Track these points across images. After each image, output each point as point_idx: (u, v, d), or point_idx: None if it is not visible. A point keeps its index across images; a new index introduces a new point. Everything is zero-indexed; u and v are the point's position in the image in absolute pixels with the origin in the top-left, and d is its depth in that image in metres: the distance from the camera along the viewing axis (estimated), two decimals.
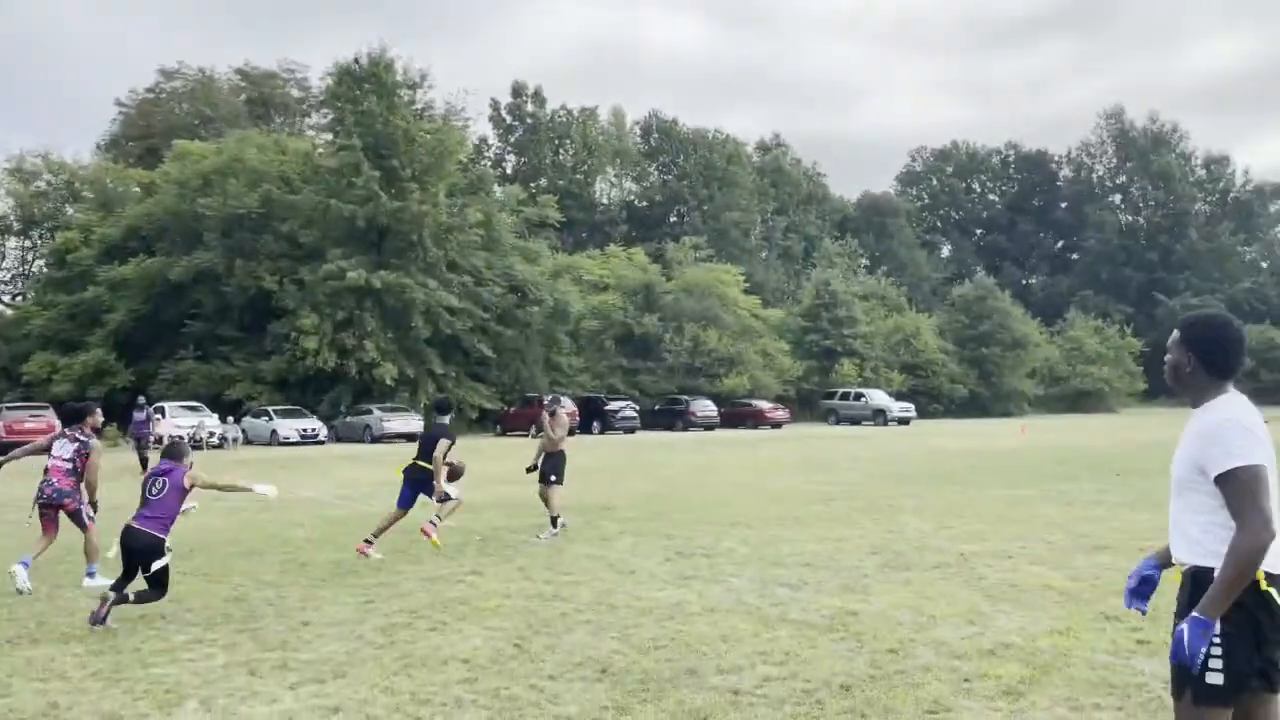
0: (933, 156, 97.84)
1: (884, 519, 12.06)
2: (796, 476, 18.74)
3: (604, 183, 73.05)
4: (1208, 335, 3.06)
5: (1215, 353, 3.03)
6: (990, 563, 8.87)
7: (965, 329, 60.78)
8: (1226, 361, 3.02)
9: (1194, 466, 2.92)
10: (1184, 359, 3.06)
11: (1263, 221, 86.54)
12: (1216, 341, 3.04)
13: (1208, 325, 3.10)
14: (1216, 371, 3.02)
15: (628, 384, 46.51)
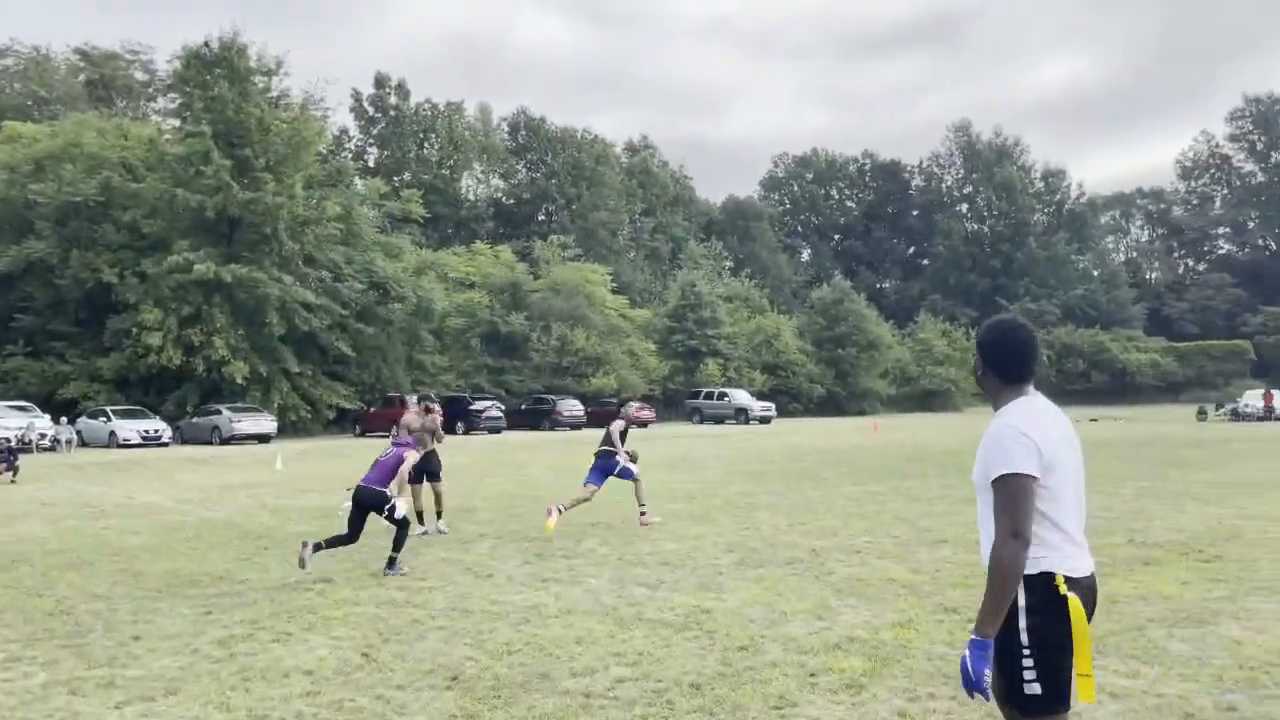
0: (794, 163, 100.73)
1: (741, 516, 12.30)
2: (659, 475, 18.89)
3: (470, 179, 72.11)
4: (995, 339, 3.08)
5: (1002, 357, 3.04)
6: (840, 558, 9.15)
7: (823, 330, 62.82)
8: (1012, 365, 3.03)
9: (982, 471, 2.94)
10: (978, 364, 3.14)
11: (1094, 232, 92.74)
12: (1002, 345, 3.06)
13: (994, 329, 3.11)
14: (1005, 375, 3.04)
15: (494, 383, 46.04)
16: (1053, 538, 2.88)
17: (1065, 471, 2.91)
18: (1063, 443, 2.95)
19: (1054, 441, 2.90)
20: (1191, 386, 74.04)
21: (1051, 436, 2.91)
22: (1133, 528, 10.86)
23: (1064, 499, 2.90)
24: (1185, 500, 13.44)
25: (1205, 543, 9.73)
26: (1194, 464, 19.73)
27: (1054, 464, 2.87)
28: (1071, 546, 2.89)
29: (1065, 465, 2.92)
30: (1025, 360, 3.03)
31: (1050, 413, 3.02)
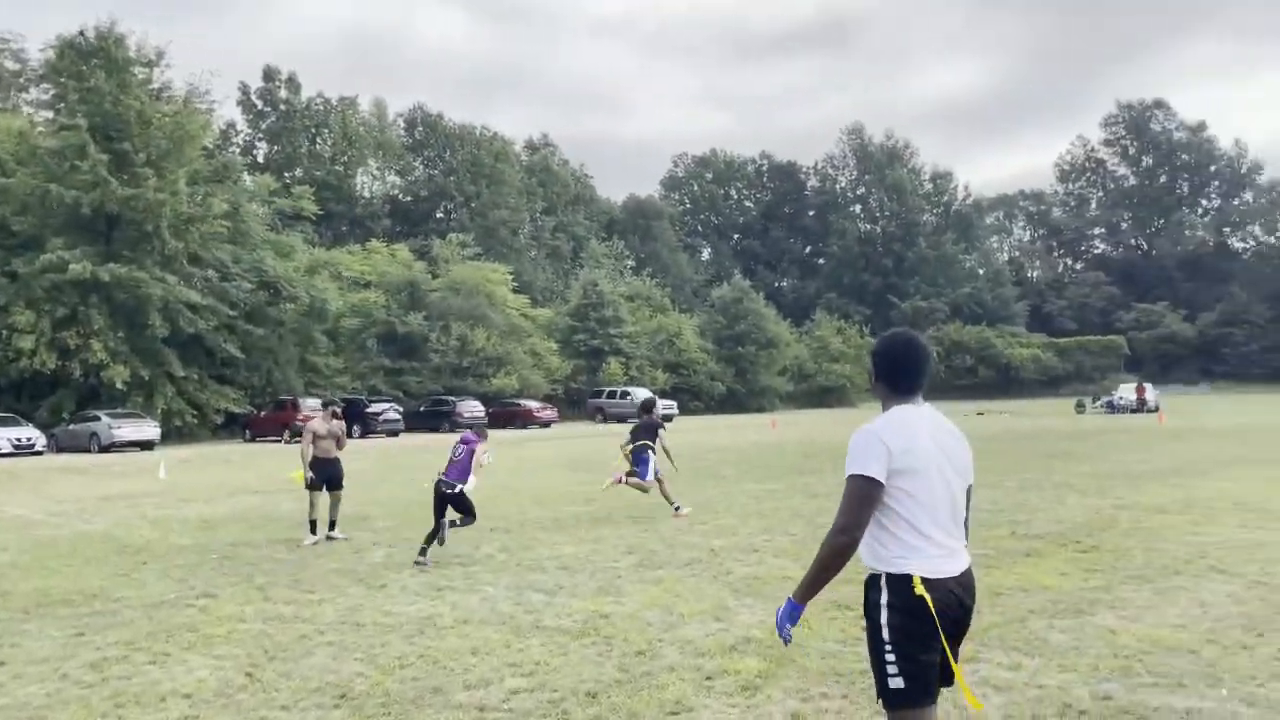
0: (694, 163, 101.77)
1: (641, 517, 12.31)
2: (560, 476, 18.81)
3: (365, 175, 70.52)
4: (884, 351, 3.23)
5: (890, 369, 3.19)
6: (739, 557, 9.23)
7: (723, 329, 63.59)
8: (900, 378, 3.16)
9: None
10: (871, 373, 3.29)
11: (980, 232, 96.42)
12: (890, 358, 3.20)
13: (886, 342, 3.26)
14: (893, 386, 3.17)
15: (391, 385, 45.12)
16: (912, 540, 3.01)
17: (928, 477, 3.02)
18: (933, 450, 3.06)
19: (918, 449, 3.02)
20: (1071, 380, 77.59)
21: (916, 445, 3.03)
22: (1015, 520, 11.26)
23: (927, 503, 3.02)
24: (1066, 492, 14.03)
25: (1084, 533, 10.16)
26: (1074, 456, 20.64)
27: (912, 469, 3.00)
28: (933, 549, 3.01)
29: (929, 471, 3.03)
30: (912, 374, 3.16)
31: (926, 422, 3.12)
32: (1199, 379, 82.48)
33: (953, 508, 3.08)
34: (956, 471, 3.12)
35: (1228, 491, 13.48)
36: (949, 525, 3.06)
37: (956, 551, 3.07)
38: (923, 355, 3.20)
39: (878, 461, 2.98)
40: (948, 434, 3.16)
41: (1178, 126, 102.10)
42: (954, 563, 3.04)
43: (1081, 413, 46.49)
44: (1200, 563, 8.36)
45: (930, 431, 3.10)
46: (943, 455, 3.09)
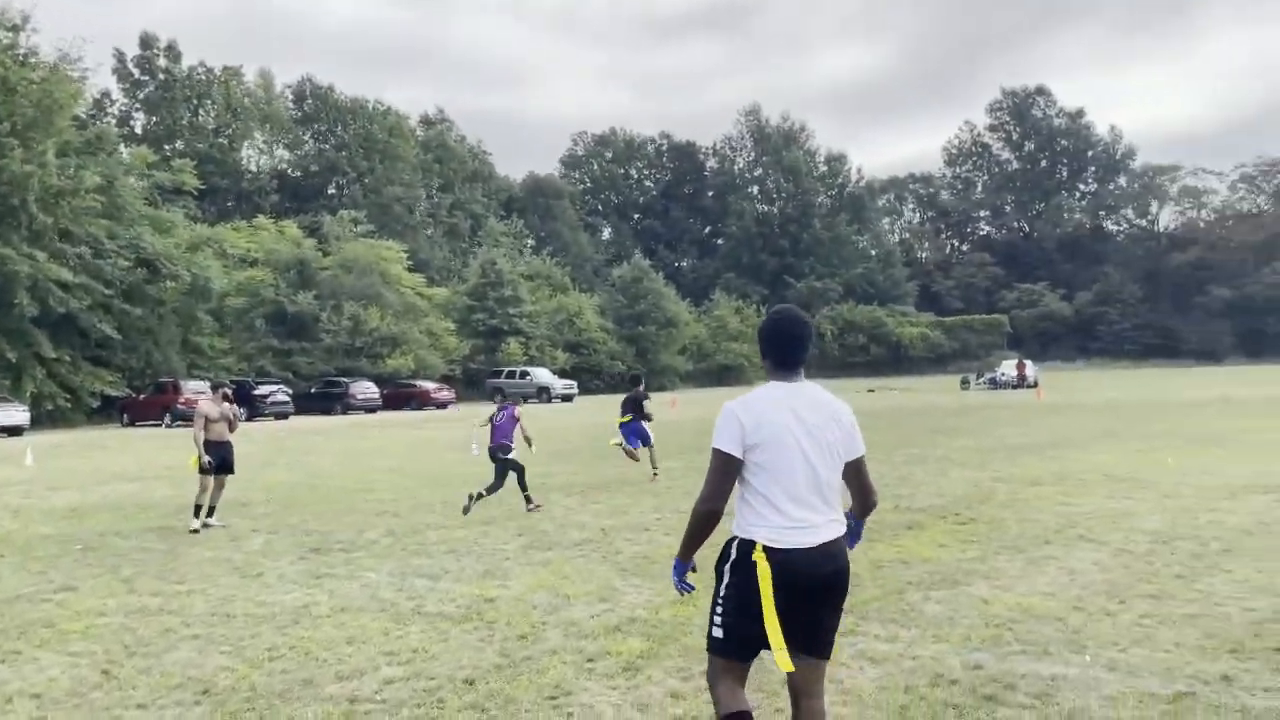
0: (593, 141, 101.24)
1: (537, 498, 12.16)
2: (453, 458, 18.51)
3: (252, 149, 67.87)
4: (763, 328, 3.37)
5: (766, 345, 3.35)
6: (629, 537, 9.20)
7: (624, 309, 63.65)
8: (774, 353, 3.31)
9: None
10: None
11: (873, 214, 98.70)
12: (766, 334, 3.34)
13: (766, 319, 3.38)
14: (770, 361, 3.33)
15: (280, 366, 43.69)
16: (763, 510, 3.17)
17: (783, 451, 3.15)
18: (792, 425, 3.17)
19: (772, 424, 3.15)
20: (957, 358, 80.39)
21: (770, 419, 3.16)
22: (899, 494, 11.55)
23: (781, 477, 3.15)
24: (948, 465, 14.47)
25: (963, 505, 10.47)
26: (957, 431, 21.34)
27: (765, 443, 3.15)
28: (783, 520, 3.13)
29: (784, 446, 3.15)
30: (784, 349, 3.28)
31: (793, 397, 3.23)
32: (1076, 356, 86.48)
33: (813, 482, 3.16)
34: (823, 446, 3.20)
35: (1099, 463, 14.11)
36: (808, 498, 3.15)
37: (815, 525, 3.15)
38: (794, 333, 3.29)
39: (732, 436, 3.17)
40: (817, 409, 3.23)
41: (1058, 113, 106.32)
42: (810, 535, 3.13)
43: (966, 389, 48.20)
44: (1070, 532, 8.70)
45: (793, 407, 3.19)
46: (804, 430, 3.18)
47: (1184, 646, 5.19)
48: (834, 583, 3.19)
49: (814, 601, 3.16)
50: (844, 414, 3.29)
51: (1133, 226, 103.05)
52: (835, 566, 3.18)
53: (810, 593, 3.14)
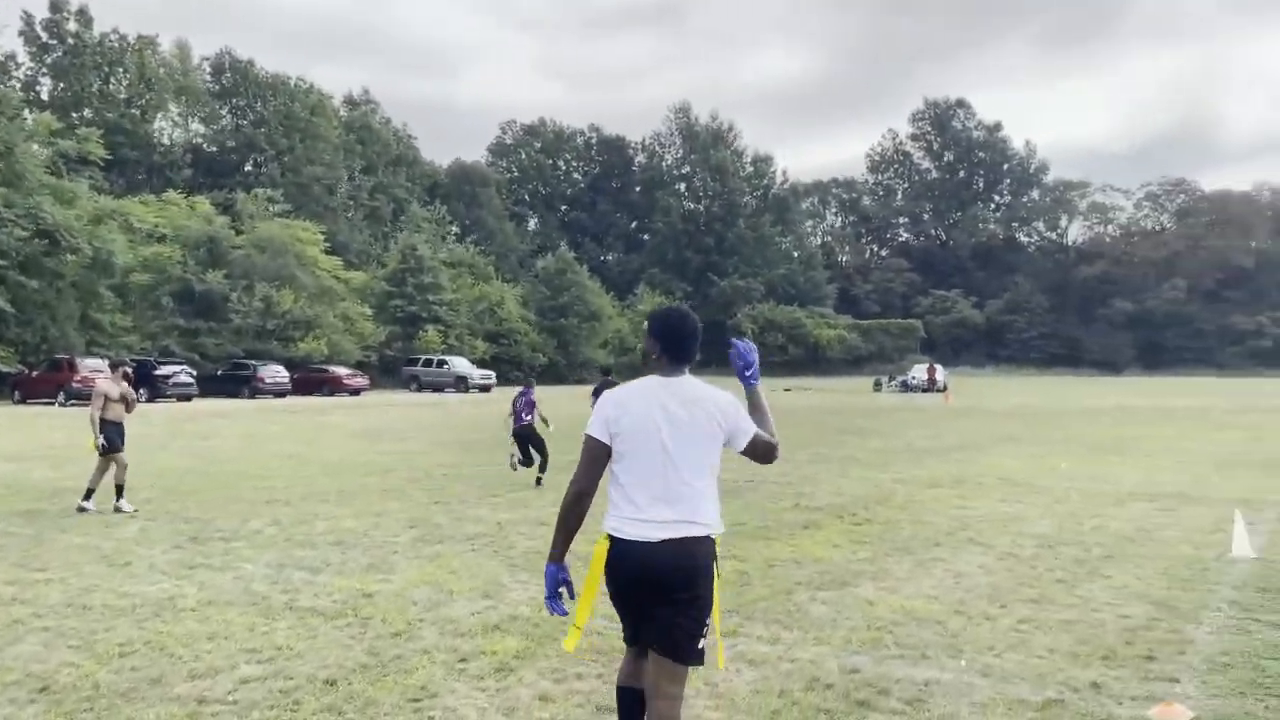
0: (522, 131, 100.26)
1: (435, 489, 11.91)
2: (359, 446, 18.06)
3: (165, 121, 65.42)
4: (651, 324, 3.38)
5: (652, 339, 3.34)
6: (524, 531, 9.03)
7: (547, 300, 63.22)
8: (656, 347, 3.32)
9: None
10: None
11: (796, 216, 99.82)
12: (653, 330, 3.35)
13: (655, 316, 3.41)
14: (658, 355, 3.32)
15: (187, 346, 42.18)
16: (618, 499, 3.22)
17: (641, 444, 3.17)
18: (655, 419, 3.17)
19: (634, 416, 3.18)
20: (873, 360, 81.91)
21: (633, 411, 3.19)
22: (801, 492, 11.61)
23: (636, 468, 3.18)
24: (851, 465, 14.63)
25: (860, 506, 10.56)
26: (865, 432, 21.65)
27: (625, 433, 3.18)
28: (632, 511, 3.15)
29: (642, 438, 3.17)
30: (675, 344, 3.29)
31: (665, 391, 3.23)
32: (985, 362, 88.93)
33: (669, 478, 3.14)
34: (691, 443, 3.17)
35: (997, 467, 14.42)
36: (662, 493, 3.14)
37: (664, 521, 3.12)
38: (684, 329, 3.31)
39: (599, 424, 3.23)
40: (691, 405, 3.20)
41: (976, 126, 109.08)
42: (655, 530, 3.11)
43: (878, 391, 49.10)
44: (960, 535, 8.81)
45: (664, 401, 3.19)
46: (671, 425, 3.17)
47: (1058, 653, 5.24)
48: (673, 582, 3.10)
49: (650, 597, 3.13)
50: (726, 404, 3.25)
51: (1043, 239, 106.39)
52: (677, 565, 3.10)
53: (645, 586, 3.13)
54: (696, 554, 3.13)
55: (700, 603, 3.15)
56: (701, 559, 3.14)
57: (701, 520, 3.16)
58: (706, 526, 3.17)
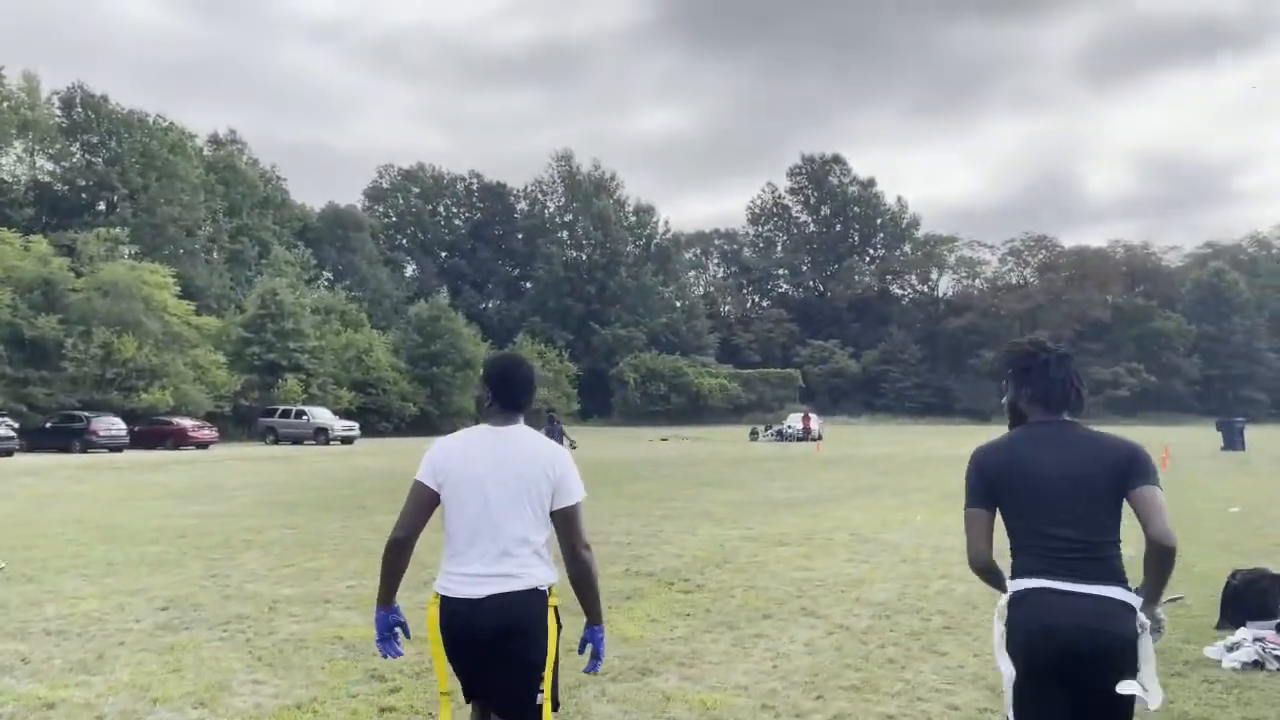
0: (400, 175, 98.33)
1: (221, 559, 10.43)
2: (165, 507, 16.24)
3: (8, 157, 61.13)
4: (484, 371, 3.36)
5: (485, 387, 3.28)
6: (298, 611, 7.72)
7: (419, 348, 61.21)
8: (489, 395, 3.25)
9: None
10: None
11: (678, 266, 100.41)
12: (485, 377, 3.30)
13: (487, 362, 3.41)
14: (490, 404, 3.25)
15: (13, 397, 38.73)
16: (447, 554, 3.15)
17: (463, 495, 3.10)
18: (478, 470, 3.09)
19: (456, 466, 3.13)
20: (754, 409, 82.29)
21: (461, 459, 3.14)
22: (638, 554, 10.62)
23: (461, 522, 3.10)
24: (702, 521, 13.74)
25: (697, 569, 9.62)
26: (726, 483, 20.90)
27: (448, 483, 3.12)
28: (458, 568, 3.09)
29: (464, 489, 3.09)
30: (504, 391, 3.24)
31: (495, 440, 3.15)
32: (862, 411, 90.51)
33: (492, 532, 3.07)
34: (515, 496, 3.08)
35: (851, 521, 13.75)
36: (483, 547, 3.06)
37: (486, 576, 3.04)
38: (514, 376, 3.28)
39: (428, 468, 3.17)
40: (520, 457, 3.12)
41: (851, 181, 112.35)
42: (477, 586, 3.03)
43: (755, 440, 48.90)
44: (794, 603, 7.94)
45: (493, 451, 3.13)
46: (495, 477, 3.09)
47: None
48: (500, 641, 3.01)
49: (480, 657, 3.05)
50: (557, 462, 3.16)
51: (915, 292, 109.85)
52: (504, 623, 3.01)
53: (474, 647, 3.05)
54: (524, 609, 3.05)
55: (531, 661, 3.05)
56: (530, 614, 3.05)
57: (528, 574, 3.07)
58: (534, 579, 3.07)
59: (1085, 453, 2.85)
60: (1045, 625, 2.75)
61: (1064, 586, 2.76)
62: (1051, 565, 2.79)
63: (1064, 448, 2.88)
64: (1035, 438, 2.95)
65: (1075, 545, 2.79)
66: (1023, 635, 2.80)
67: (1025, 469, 2.90)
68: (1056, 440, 2.91)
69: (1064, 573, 2.78)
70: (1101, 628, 2.71)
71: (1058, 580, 2.77)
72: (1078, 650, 2.71)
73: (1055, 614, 2.75)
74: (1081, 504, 2.80)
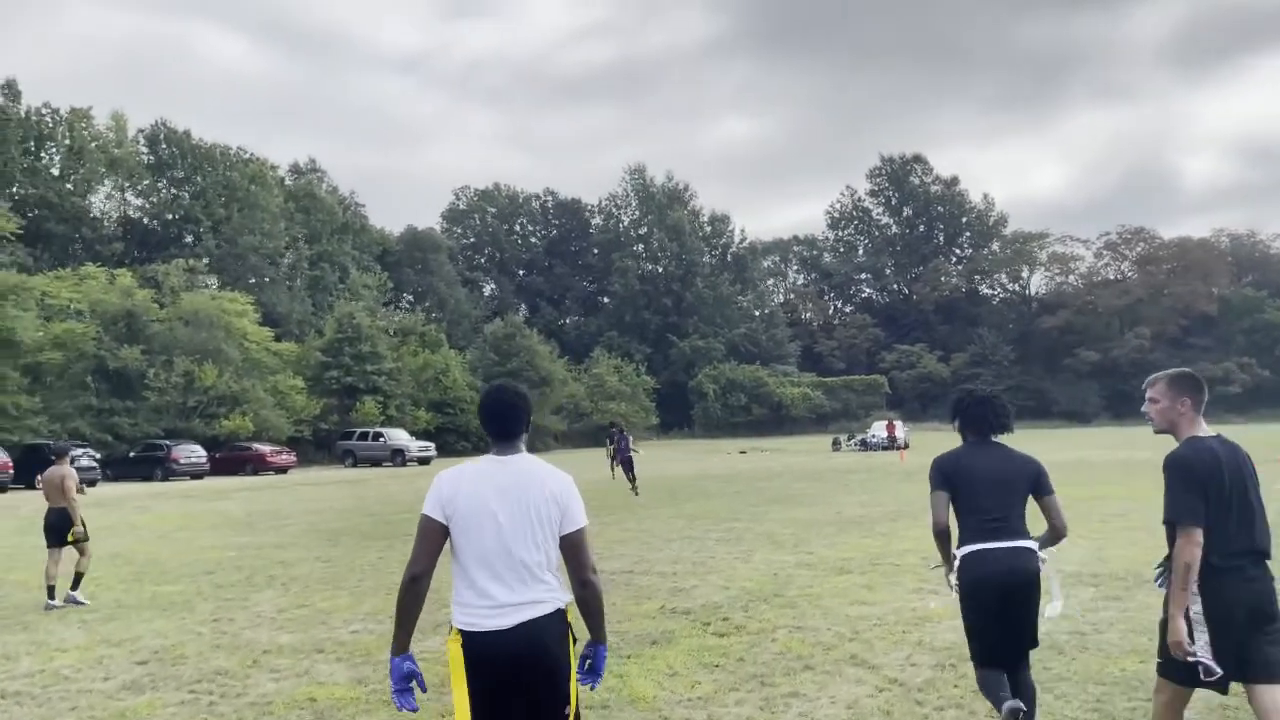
0: (476, 196, 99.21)
1: (234, 600, 9.77)
2: (213, 537, 15.85)
3: (97, 195, 63.44)
4: (479, 402, 3.41)
5: (480, 418, 3.37)
6: (282, 666, 6.94)
7: (495, 366, 61.17)
8: (484, 426, 3.32)
9: None
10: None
11: (756, 275, 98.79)
12: (480, 409, 3.39)
13: (482, 393, 3.45)
14: (487, 434, 3.31)
15: (99, 427, 39.67)
16: (461, 587, 3.14)
17: (476, 527, 3.09)
18: (488, 500, 3.10)
19: (466, 496, 3.12)
20: (838, 418, 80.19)
21: (465, 491, 3.13)
22: (680, 587, 9.60)
23: (476, 554, 3.09)
24: (760, 545, 12.63)
25: (741, 605, 8.56)
26: (798, 499, 19.67)
27: (459, 515, 3.11)
28: (480, 601, 3.06)
29: (475, 521, 3.09)
30: (497, 421, 3.28)
31: (499, 469, 3.17)
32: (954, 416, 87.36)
33: (508, 560, 3.08)
34: (526, 524, 3.09)
35: (926, 541, 12.42)
36: (503, 576, 3.07)
37: (510, 605, 3.05)
38: (507, 404, 3.30)
39: (434, 502, 3.15)
40: (526, 484, 3.13)
41: (934, 180, 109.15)
42: (502, 617, 3.05)
43: (837, 450, 47.22)
44: (843, 649, 6.82)
45: (498, 481, 3.13)
46: (504, 505, 3.09)
47: None
48: (533, 668, 3.05)
49: (514, 689, 3.05)
50: (562, 487, 3.20)
51: (1005, 291, 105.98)
52: (533, 651, 3.04)
53: (506, 678, 3.05)
54: (552, 632, 3.09)
55: (559, 682, 3.09)
56: (556, 635, 3.11)
57: (545, 597, 3.11)
58: (556, 602, 3.13)
59: (1004, 464, 4.57)
60: (984, 575, 4.38)
61: (996, 545, 4.39)
62: (988, 528, 4.42)
63: (989, 459, 4.57)
64: (971, 452, 4.63)
65: (996, 519, 4.42)
66: (968, 579, 4.44)
67: (966, 471, 4.51)
68: (982, 454, 4.60)
69: (993, 531, 4.41)
70: (1019, 566, 4.38)
71: (994, 541, 4.40)
72: (1004, 583, 4.36)
73: (988, 564, 4.38)
74: (1001, 494, 4.48)
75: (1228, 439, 3.77)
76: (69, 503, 9.91)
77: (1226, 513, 3.56)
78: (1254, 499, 3.66)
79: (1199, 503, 3.53)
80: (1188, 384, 3.77)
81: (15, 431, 36.24)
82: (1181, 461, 3.62)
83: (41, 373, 40.29)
